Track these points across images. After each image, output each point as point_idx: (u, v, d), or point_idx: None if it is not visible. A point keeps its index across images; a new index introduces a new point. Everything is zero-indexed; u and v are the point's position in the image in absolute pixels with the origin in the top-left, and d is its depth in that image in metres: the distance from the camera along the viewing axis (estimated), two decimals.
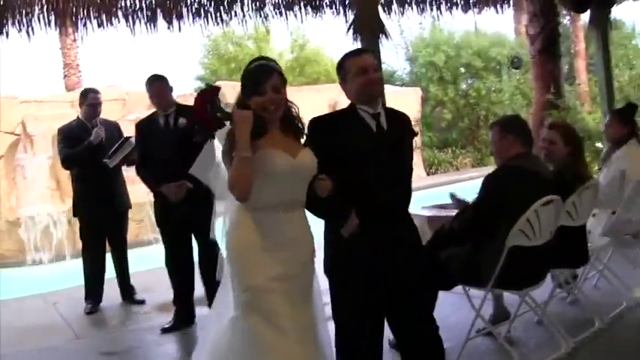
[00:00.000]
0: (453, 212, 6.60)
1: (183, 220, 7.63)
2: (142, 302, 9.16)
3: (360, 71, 4.74)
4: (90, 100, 8.88)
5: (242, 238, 4.38)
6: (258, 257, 4.32)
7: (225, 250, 4.48)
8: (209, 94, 4.38)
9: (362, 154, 4.68)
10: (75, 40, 11.49)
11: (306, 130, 4.66)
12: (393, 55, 28.95)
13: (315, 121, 4.80)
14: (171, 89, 8.05)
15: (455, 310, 6.54)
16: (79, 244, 9.35)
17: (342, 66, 4.88)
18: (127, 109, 17.32)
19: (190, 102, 7.79)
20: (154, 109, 8.02)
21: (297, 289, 4.41)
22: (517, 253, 5.45)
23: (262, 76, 4.35)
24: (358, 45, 9.33)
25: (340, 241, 4.69)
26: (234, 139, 4.17)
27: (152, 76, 7.99)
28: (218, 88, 4.47)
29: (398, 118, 5.00)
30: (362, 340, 4.83)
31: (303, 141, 4.59)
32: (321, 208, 4.67)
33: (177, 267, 7.94)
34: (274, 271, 4.29)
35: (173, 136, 7.66)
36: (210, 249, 7.84)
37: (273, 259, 4.32)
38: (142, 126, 8.07)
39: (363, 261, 4.69)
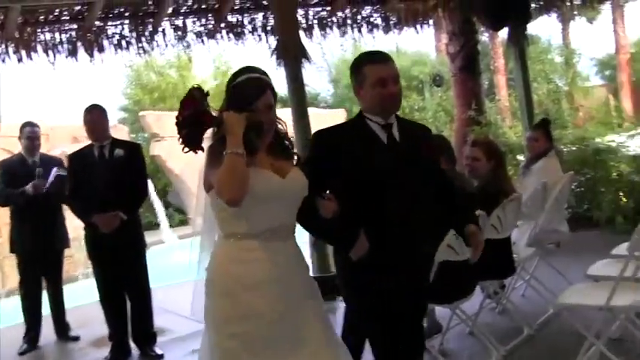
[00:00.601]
0: None
1: (115, 255, 7.61)
2: (76, 339, 9.05)
3: (379, 83, 4.32)
4: (26, 133, 8.76)
5: (225, 275, 3.87)
6: (244, 297, 3.77)
7: (205, 286, 3.95)
8: (199, 93, 3.88)
9: (371, 169, 4.25)
10: None
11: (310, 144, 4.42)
12: (316, 78, 29.23)
13: (320, 134, 4.49)
14: (108, 120, 8.02)
15: None
16: (10, 283, 9.25)
17: (360, 70, 4.43)
18: (50, 144, 17.12)
19: (116, 133, 7.84)
20: (78, 143, 7.97)
21: (289, 333, 3.82)
22: (447, 268, 5.56)
23: (253, 93, 3.92)
24: (282, 70, 9.47)
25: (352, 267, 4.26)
26: (215, 151, 3.80)
27: (91, 105, 7.89)
28: (205, 92, 3.94)
29: (414, 130, 4.59)
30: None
31: (295, 159, 4.14)
32: (323, 229, 4.33)
33: (111, 303, 7.87)
34: (266, 312, 3.77)
35: (109, 167, 7.65)
36: (142, 301, 7.95)
37: (263, 298, 3.78)
38: (75, 158, 7.98)
39: (379, 291, 4.21)
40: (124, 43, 9.66)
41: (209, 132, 3.90)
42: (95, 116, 7.81)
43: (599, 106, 30.01)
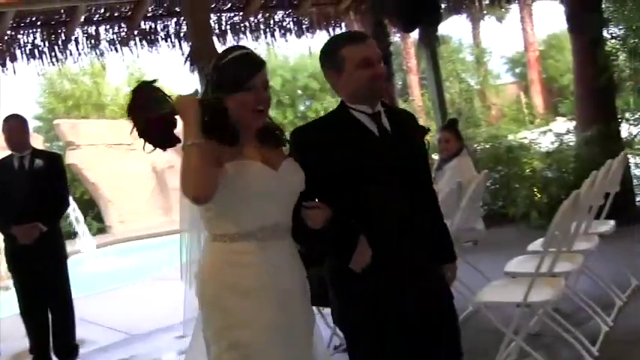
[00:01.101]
0: None
1: (35, 266, 7.50)
2: None
3: (363, 63, 3.72)
4: None
5: (217, 281, 3.51)
6: (240, 304, 3.44)
7: (197, 296, 3.57)
8: (146, 91, 3.39)
9: (365, 167, 3.70)
10: None
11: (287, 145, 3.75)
12: None
13: (296, 134, 3.85)
14: (28, 130, 7.92)
15: None
16: None
17: (336, 53, 3.81)
18: None
19: (31, 142, 7.72)
20: (6, 152, 7.83)
21: (295, 341, 3.56)
22: None
23: (251, 69, 3.52)
24: (196, 76, 9.45)
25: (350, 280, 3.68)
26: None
27: (10, 115, 7.77)
28: (153, 81, 3.45)
29: (402, 117, 4.03)
30: None
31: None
32: (315, 240, 3.67)
33: (32, 315, 7.74)
34: (264, 319, 3.44)
35: (29, 178, 7.55)
36: (64, 313, 7.85)
37: (260, 304, 3.45)
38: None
39: (384, 305, 3.67)
40: (36, 52, 9.55)
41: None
42: (14, 126, 7.69)
43: (510, 103, 30.60)
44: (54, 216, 7.72)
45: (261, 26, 13.71)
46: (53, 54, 9.69)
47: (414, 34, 18.09)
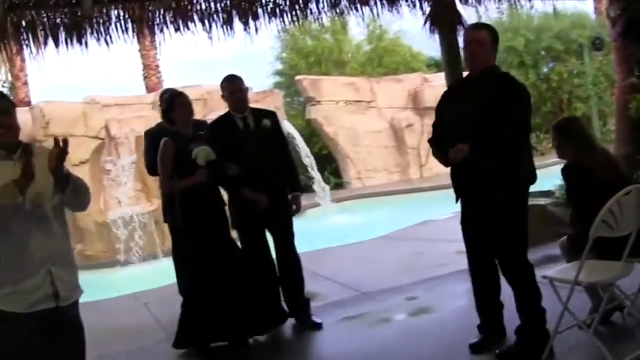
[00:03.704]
0: None
1: (264, 224, 7.72)
2: None
3: None
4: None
5: None
6: None
7: None
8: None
9: None
10: (153, 41, 11.50)
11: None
12: None
13: None
14: (247, 90, 8.01)
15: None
16: (168, 244, 9.44)
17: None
18: (207, 109, 17.46)
19: (269, 99, 7.85)
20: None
21: None
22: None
23: None
24: (436, 36, 9.31)
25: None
26: None
27: (230, 75, 7.86)
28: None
29: None
30: None
31: None
32: None
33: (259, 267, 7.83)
34: None
35: (258, 139, 7.70)
36: (292, 267, 7.93)
37: None
38: (218, 125, 7.92)
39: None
40: (277, 10, 9.68)
41: None
42: (237, 86, 7.81)
43: None
44: (295, 177, 7.99)
45: None
46: (294, 12, 9.78)
47: None
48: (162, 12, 9.20)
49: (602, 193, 5.53)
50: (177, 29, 9.24)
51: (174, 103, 7.62)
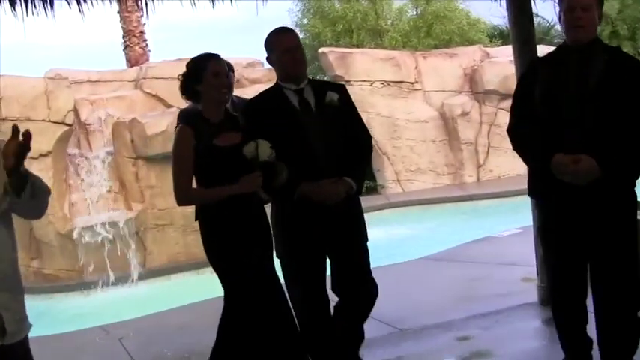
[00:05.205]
0: None
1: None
2: None
3: None
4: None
5: None
6: None
7: None
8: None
9: None
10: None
11: None
12: (549, 8, 28.75)
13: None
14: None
15: None
16: (151, 262, 9.40)
17: None
18: None
19: None
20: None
21: None
22: None
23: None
24: (503, 2, 9.28)
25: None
26: None
27: (281, 27, 7.00)
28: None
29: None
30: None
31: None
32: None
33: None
34: None
35: (321, 118, 6.70)
36: None
37: None
38: (261, 106, 6.87)
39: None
40: None
41: None
42: (294, 41, 6.85)
43: None
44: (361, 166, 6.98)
45: None
46: None
47: None
48: None
49: None
50: None
51: (201, 68, 6.51)
